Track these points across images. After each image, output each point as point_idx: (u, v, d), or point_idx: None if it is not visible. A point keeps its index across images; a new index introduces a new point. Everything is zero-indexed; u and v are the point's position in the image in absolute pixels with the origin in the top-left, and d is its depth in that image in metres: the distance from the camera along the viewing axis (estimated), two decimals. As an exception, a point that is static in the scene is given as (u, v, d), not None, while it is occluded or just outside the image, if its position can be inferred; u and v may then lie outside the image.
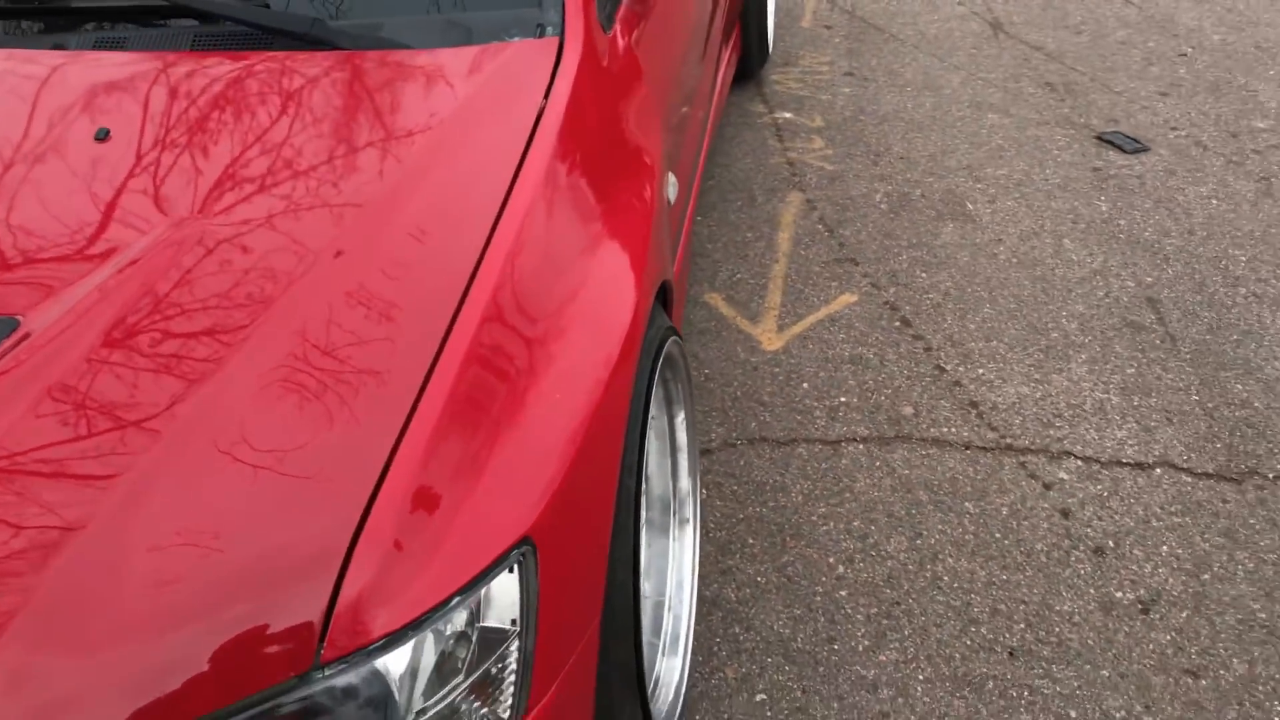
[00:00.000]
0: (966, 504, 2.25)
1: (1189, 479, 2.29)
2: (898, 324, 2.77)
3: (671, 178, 1.90)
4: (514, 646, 1.20)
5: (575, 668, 1.29)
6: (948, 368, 2.62)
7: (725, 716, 1.87)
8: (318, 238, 1.39)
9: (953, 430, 2.43)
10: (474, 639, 1.17)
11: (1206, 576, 2.08)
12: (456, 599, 1.13)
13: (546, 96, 1.61)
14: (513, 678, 1.20)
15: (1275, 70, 4.01)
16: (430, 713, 1.12)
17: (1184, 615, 2.01)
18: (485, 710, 1.18)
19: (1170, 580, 2.08)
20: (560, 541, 1.25)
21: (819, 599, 2.07)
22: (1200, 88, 3.92)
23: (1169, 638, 1.98)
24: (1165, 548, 2.14)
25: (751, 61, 3.86)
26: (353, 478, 1.13)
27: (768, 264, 3.02)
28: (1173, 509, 2.22)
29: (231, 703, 1.02)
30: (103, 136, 1.58)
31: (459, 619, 1.15)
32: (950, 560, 2.13)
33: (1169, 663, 1.93)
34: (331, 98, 1.64)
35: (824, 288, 2.92)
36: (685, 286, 2.44)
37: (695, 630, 1.89)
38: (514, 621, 1.20)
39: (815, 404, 2.53)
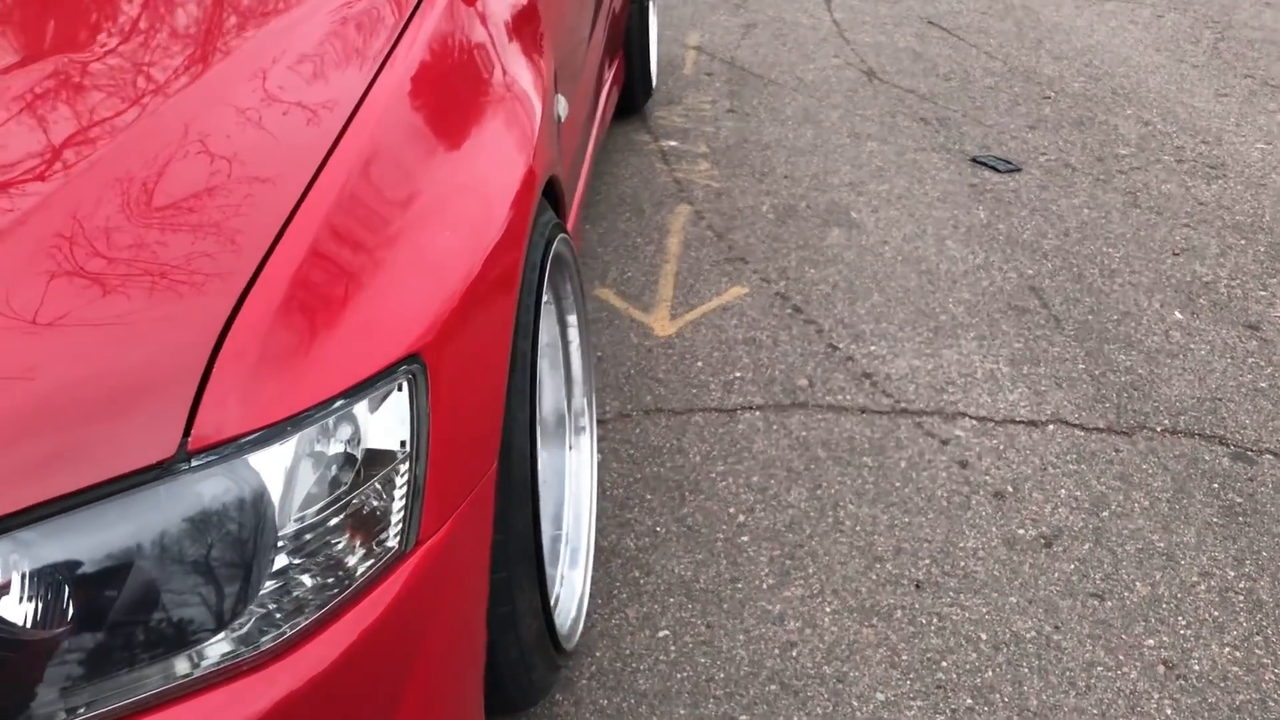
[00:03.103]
0: (865, 459, 2.22)
1: (1081, 433, 2.30)
2: (789, 311, 2.77)
3: (561, 98, 1.88)
4: (403, 468, 1.12)
5: (470, 513, 1.21)
6: (840, 346, 2.61)
7: (627, 653, 1.78)
8: (185, 73, 1.32)
9: (848, 398, 2.42)
10: (360, 458, 1.08)
11: (1105, 514, 2.08)
12: (341, 402, 1.05)
13: None
14: (403, 502, 1.12)
15: (1132, 110, 4.21)
16: (310, 522, 1.03)
17: (1086, 547, 2.00)
18: (371, 535, 1.08)
19: (1070, 518, 2.07)
20: (453, 371, 1.18)
21: (720, 544, 2.00)
22: (1065, 123, 4.08)
23: (1073, 567, 1.95)
24: (1064, 491, 2.14)
25: (635, 94, 3.90)
26: (222, 278, 1.05)
27: (658, 264, 3.01)
28: (1068, 458, 2.22)
29: (83, 489, 0.92)
30: None
31: (344, 433, 1.07)
32: (852, 507, 2.09)
33: (1075, 588, 1.91)
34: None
35: (715, 282, 2.91)
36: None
37: (593, 577, 1.80)
38: (403, 444, 1.12)
39: (710, 379, 2.49)
